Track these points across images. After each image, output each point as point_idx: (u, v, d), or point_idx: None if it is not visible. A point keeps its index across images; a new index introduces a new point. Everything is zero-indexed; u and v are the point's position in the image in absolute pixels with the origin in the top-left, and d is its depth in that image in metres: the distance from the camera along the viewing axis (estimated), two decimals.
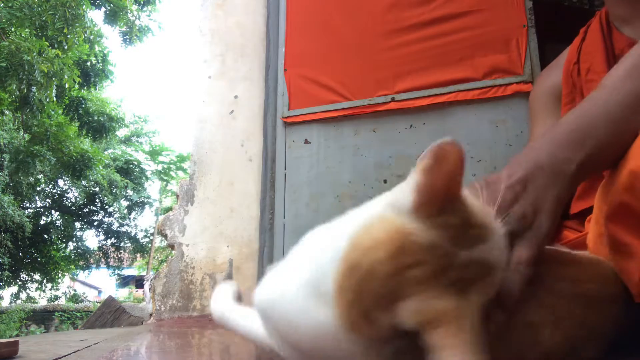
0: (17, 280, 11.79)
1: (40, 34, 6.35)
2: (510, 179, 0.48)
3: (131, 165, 12.82)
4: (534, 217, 0.46)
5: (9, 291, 12.24)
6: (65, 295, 13.42)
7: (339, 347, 0.39)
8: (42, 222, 12.05)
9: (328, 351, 0.41)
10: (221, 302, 0.57)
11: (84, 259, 13.45)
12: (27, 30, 6.29)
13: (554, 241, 0.81)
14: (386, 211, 0.39)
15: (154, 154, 14.84)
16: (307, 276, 0.41)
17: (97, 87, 9.16)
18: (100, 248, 13.68)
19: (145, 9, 8.58)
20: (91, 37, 7.73)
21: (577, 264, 0.49)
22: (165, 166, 15.35)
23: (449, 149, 0.36)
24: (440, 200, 0.37)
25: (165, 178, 15.40)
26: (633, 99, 0.48)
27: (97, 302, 10.05)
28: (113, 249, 13.83)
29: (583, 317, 0.45)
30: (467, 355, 0.33)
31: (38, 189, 11.33)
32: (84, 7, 6.44)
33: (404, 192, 0.38)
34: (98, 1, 8.04)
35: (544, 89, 0.96)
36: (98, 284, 18.89)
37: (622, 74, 0.50)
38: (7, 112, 7.32)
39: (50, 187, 12.09)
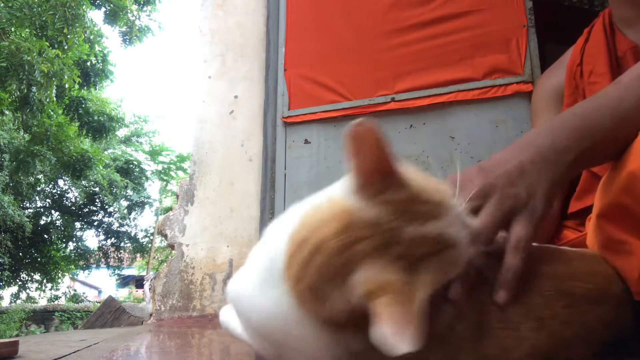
0: (17, 280, 11.78)
1: (40, 34, 6.35)
2: (507, 164, 0.48)
3: (131, 165, 12.82)
4: (528, 199, 0.46)
5: (9, 291, 12.24)
6: (65, 295, 13.42)
7: (296, 330, 0.40)
8: (42, 222, 12.05)
9: (288, 337, 0.41)
10: (228, 313, 0.58)
11: (84, 259, 13.45)
12: (27, 30, 6.29)
13: (553, 239, 0.81)
14: (334, 194, 0.40)
15: (154, 154, 14.84)
16: (264, 261, 0.43)
17: (97, 87, 9.16)
18: (100, 248, 13.68)
19: (145, 9, 8.58)
20: (91, 37, 7.73)
21: (567, 261, 0.49)
22: (165, 166, 15.35)
23: (360, 131, 0.37)
24: (377, 180, 0.38)
25: (165, 178, 15.40)
26: None
27: (97, 302, 10.06)
28: (113, 249, 13.82)
29: (570, 316, 0.44)
30: (404, 325, 0.33)
31: (38, 189, 11.33)
32: (84, 7, 6.44)
33: (349, 177, 0.39)
34: (98, 1, 8.04)
35: (547, 89, 0.96)
36: (98, 284, 18.89)
37: (636, 74, 0.50)
38: (7, 112, 7.32)
39: (50, 187, 12.09)
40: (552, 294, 0.45)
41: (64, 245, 12.89)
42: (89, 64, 8.38)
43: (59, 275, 12.67)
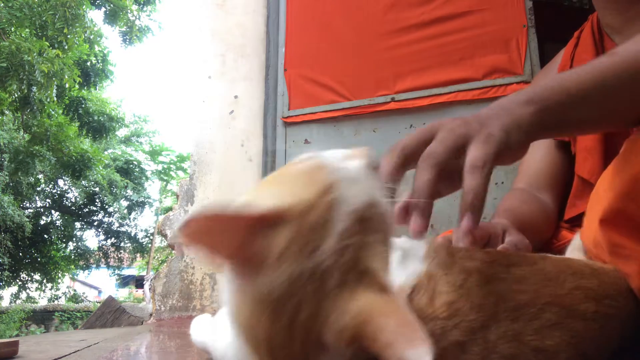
0: (17, 280, 11.78)
1: (40, 34, 6.35)
2: (465, 117, 0.46)
3: (131, 165, 12.82)
4: (481, 128, 0.43)
5: (9, 291, 12.23)
6: (65, 295, 13.41)
7: None
8: (42, 222, 12.04)
9: None
10: (200, 334, 0.58)
11: (84, 259, 13.44)
12: (27, 30, 6.29)
13: (551, 239, 0.81)
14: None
15: (154, 154, 14.83)
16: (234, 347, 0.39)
17: (97, 87, 9.17)
18: (100, 248, 13.67)
19: (145, 9, 8.58)
20: (91, 37, 7.73)
21: (595, 275, 0.47)
22: (165, 166, 15.34)
23: (192, 231, 0.32)
24: (247, 249, 0.33)
25: (165, 178, 15.39)
26: (611, 75, 0.47)
27: (97, 302, 10.05)
28: (113, 249, 13.82)
29: (578, 336, 0.42)
30: (411, 336, 0.29)
31: (38, 189, 11.33)
32: (84, 7, 6.44)
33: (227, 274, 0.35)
34: (98, 1, 8.04)
35: None
36: (98, 284, 18.88)
37: (634, 46, 0.49)
38: (7, 112, 7.32)
39: (50, 187, 12.08)
40: (590, 315, 0.43)
41: (64, 245, 12.89)
42: (89, 64, 8.38)
43: (59, 275, 12.67)
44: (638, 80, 0.47)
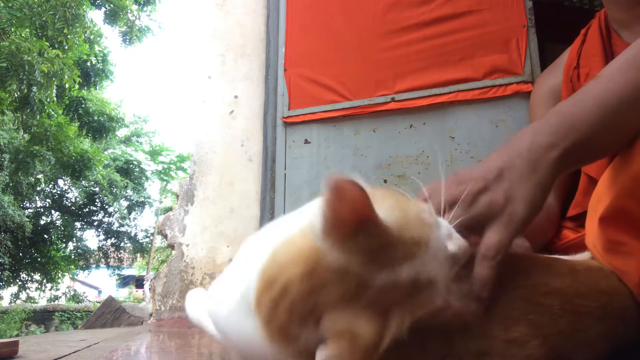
0: (17, 280, 11.78)
1: (40, 34, 6.35)
2: (484, 171, 0.45)
3: (131, 165, 12.82)
4: (506, 204, 0.43)
5: (9, 291, 12.23)
6: (65, 295, 13.41)
7: (271, 358, 0.40)
8: (42, 222, 12.04)
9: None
10: (195, 309, 0.58)
11: (84, 259, 13.44)
12: (27, 30, 6.29)
13: (553, 239, 0.81)
14: (306, 228, 0.38)
15: (154, 154, 14.83)
16: (239, 287, 0.42)
17: (97, 87, 9.17)
18: (100, 248, 13.67)
19: (145, 9, 8.58)
20: (91, 37, 7.72)
21: (571, 274, 0.47)
22: (165, 166, 15.34)
23: (347, 188, 0.35)
24: (349, 229, 0.36)
25: (165, 178, 15.39)
26: (630, 91, 0.46)
27: (97, 302, 10.05)
28: (113, 249, 13.81)
29: (572, 334, 0.43)
30: None
31: (38, 189, 11.33)
32: (84, 7, 6.44)
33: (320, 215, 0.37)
34: (98, 1, 8.04)
35: (544, 91, 0.95)
36: (98, 284, 18.88)
37: (620, 66, 0.49)
38: (7, 112, 7.32)
39: (50, 187, 12.08)
40: (557, 311, 0.43)
41: (64, 245, 12.89)
42: (89, 64, 8.38)
43: (59, 275, 12.66)
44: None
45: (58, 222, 12.55)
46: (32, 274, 12.11)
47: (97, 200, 12.24)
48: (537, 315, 0.43)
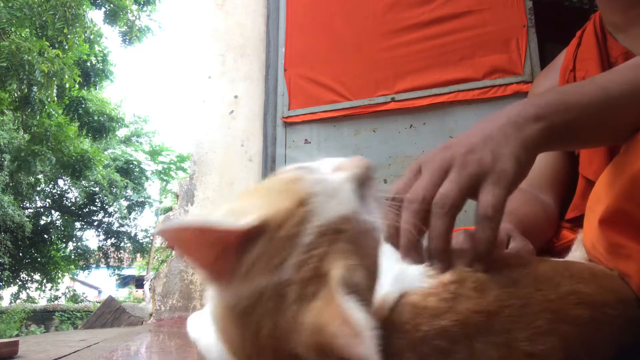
0: (17, 280, 11.77)
1: (40, 34, 6.34)
2: (471, 136, 0.45)
3: (131, 165, 12.81)
4: (494, 162, 0.43)
5: (9, 291, 12.23)
6: (65, 295, 13.40)
7: None
8: (42, 222, 12.03)
9: None
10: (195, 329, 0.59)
11: (84, 259, 13.42)
12: (27, 30, 6.28)
13: (552, 239, 0.81)
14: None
15: (154, 154, 14.82)
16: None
17: (97, 87, 9.16)
18: (100, 248, 13.66)
19: (145, 9, 8.58)
20: (91, 37, 7.72)
21: (594, 280, 0.46)
22: (165, 166, 15.33)
23: (171, 236, 0.33)
24: (222, 262, 0.34)
25: (165, 178, 15.38)
26: (632, 85, 0.47)
27: (97, 302, 10.04)
28: (113, 249, 13.80)
29: (592, 342, 0.42)
30: (355, 333, 0.29)
31: (38, 189, 11.32)
32: (84, 7, 6.43)
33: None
34: (98, 1, 8.03)
35: (541, 92, 0.95)
36: (98, 284, 18.87)
37: (630, 64, 0.50)
38: (7, 112, 7.32)
39: (50, 187, 12.07)
40: (587, 320, 0.42)
41: (64, 245, 12.88)
42: (89, 64, 8.38)
43: (59, 275, 12.65)
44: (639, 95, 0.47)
45: (58, 222, 12.55)
46: (32, 274, 12.10)
47: (97, 200, 12.23)
48: (566, 325, 0.41)
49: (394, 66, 1.89)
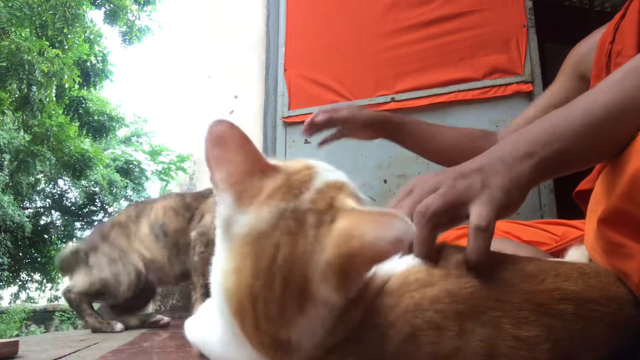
0: (17, 280, 11.78)
1: (40, 34, 6.34)
2: (462, 166, 0.47)
3: (131, 165, 12.81)
4: (483, 188, 0.44)
5: (9, 291, 12.23)
6: None
7: None
8: (42, 222, 12.03)
9: None
10: (194, 331, 0.59)
11: None
12: (27, 30, 6.28)
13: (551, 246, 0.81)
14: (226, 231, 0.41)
15: (154, 154, 14.81)
16: (223, 321, 0.42)
17: (97, 87, 9.16)
18: None
19: (145, 9, 8.58)
20: (91, 37, 7.72)
21: (582, 278, 0.46)
22: (165, 166, 15.32)
23: (220, 131, 0.38)
24: (248, 182, 0.39)
25: (165, 178, 15.37)
26: (619, 101, 0.46)
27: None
28: None
29: (582, 339, 0.43)
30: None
31: (38, 189, 11.33)
32: (84, 7, 6.44)
33: (220, 192, 0.41)
34: (98, 1, 8.03)
35: (573, 55, 0.93)
36: None
37: (616, 76, 0.48)
38: (7, 112, 7.32)
39: (50, 187, 12.08)
40: (571, 316, 0.43)
41: (64, 245, 12.89)
42: (89, 64, 8.37)
43: (59, 275, 12.66)
44: (629, 113, 0.46)
45: (58, 222, 12.55)
46: (32, 274, 12.11)
47: (97, 200, 12.23)
48: (550, 318, 0.42)
49: (394, 66, 1.89)
